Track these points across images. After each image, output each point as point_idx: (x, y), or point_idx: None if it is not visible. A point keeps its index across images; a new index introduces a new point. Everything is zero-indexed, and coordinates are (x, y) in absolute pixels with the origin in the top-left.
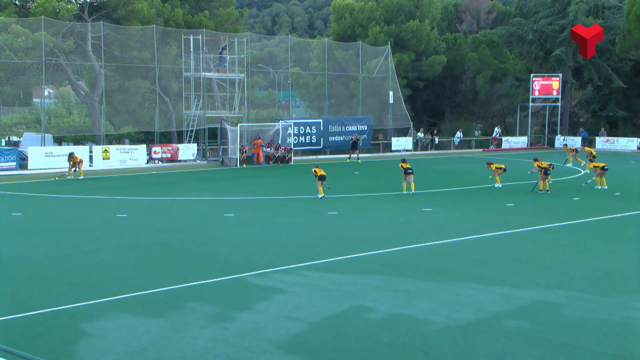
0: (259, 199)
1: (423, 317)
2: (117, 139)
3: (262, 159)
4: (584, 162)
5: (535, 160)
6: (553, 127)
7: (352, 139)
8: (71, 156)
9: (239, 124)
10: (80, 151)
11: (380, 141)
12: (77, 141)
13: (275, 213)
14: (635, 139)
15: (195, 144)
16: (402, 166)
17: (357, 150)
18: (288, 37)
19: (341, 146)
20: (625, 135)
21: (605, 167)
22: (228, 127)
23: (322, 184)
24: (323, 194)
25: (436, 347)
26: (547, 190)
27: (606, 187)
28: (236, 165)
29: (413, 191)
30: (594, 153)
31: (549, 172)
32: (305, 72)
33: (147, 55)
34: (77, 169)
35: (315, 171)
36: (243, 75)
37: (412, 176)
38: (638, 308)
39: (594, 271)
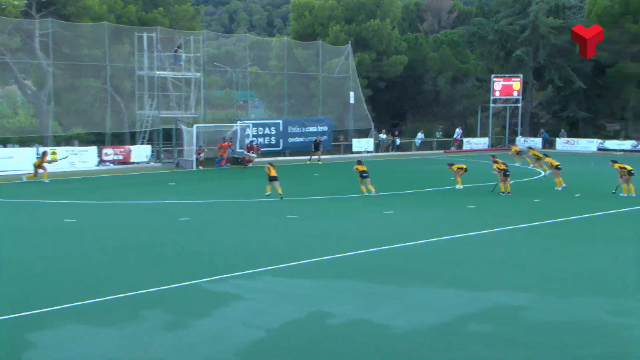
0: (217, 202)
1: (385, 322)
2: (66, 141)
3: (227, 162)
4: (532, 164)
5: (495, 161)
6: (514, 128)
7: (314, 140)
8: (45, 155)
9: (195, 125)
10: (26, 153)
11: (341, 142)
12: (24, 142)
13: (233, 216)
14: (595, 140)
15: (149, 146)
16: (357, 169)
17: (319, 152)
18: (246, 35)
19: (301, 147)
20: (585, 136)
21: (559, 167)
22: (184, 127)
23: (271, 184)
24: (269, 192)
25: (397, 353)
26: (509, 192)
27: (564, 185)
28: (192, 167)
29: (374, 193)
30: (540, 155)
31: (508, 173)
32: (264, 71)
33: (99, 53)
34: (43, 171)
35: (268, 169)
36: (199, 74)
37: (368, 179)
38: (604, 309)
39: (558, 273)
